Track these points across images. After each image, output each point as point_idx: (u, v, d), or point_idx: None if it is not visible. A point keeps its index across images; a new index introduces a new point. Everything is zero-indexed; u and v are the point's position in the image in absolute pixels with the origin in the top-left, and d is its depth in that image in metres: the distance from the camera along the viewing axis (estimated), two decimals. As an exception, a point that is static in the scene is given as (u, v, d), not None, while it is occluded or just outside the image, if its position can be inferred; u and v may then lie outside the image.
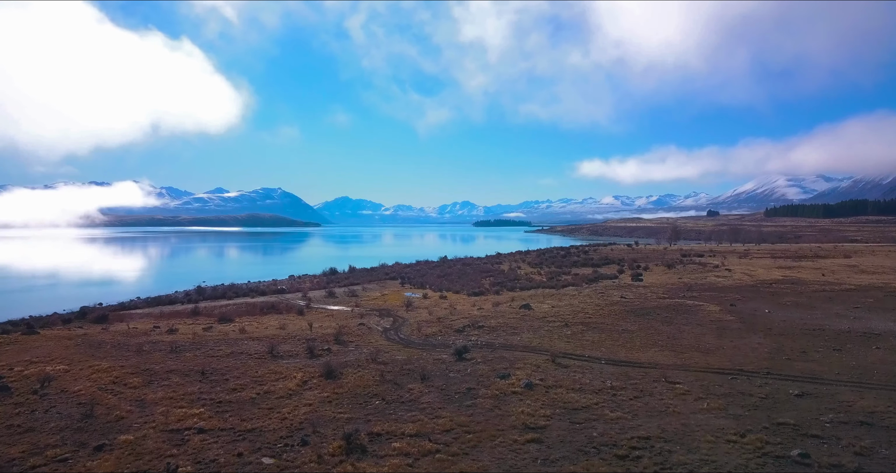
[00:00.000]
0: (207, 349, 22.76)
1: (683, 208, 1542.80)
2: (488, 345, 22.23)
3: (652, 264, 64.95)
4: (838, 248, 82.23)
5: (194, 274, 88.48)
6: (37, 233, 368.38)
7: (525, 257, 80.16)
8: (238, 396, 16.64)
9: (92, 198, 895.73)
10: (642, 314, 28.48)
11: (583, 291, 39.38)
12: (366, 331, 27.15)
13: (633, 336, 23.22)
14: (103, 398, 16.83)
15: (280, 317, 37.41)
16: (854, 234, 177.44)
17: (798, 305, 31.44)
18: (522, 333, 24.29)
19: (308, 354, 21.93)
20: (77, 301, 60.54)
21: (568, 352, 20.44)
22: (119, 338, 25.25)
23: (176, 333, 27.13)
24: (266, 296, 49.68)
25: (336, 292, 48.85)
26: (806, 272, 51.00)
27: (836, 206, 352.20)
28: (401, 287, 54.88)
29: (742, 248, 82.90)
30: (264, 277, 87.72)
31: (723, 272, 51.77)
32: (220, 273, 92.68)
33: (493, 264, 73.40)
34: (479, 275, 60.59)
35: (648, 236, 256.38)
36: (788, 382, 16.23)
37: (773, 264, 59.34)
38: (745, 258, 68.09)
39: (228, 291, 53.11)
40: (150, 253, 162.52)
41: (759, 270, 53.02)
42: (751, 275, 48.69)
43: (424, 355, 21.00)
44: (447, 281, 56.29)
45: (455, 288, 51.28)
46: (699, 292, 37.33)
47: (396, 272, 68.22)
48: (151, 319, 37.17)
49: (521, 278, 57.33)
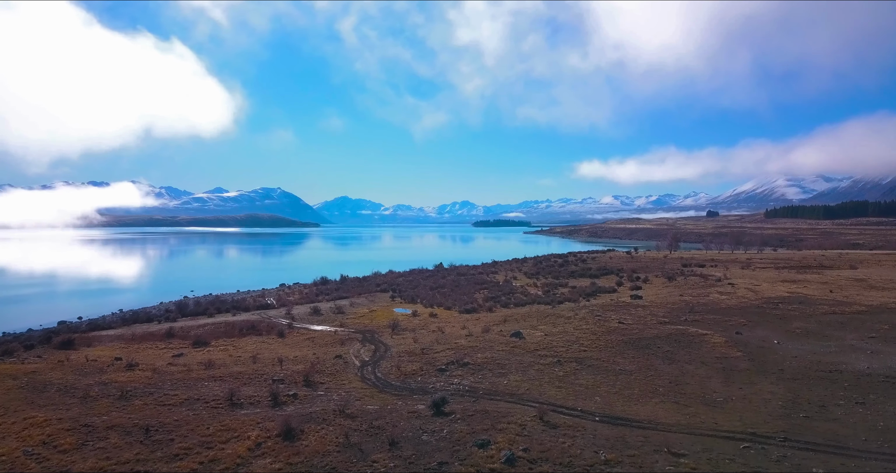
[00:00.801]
0: (161, 394, 20.59)
1: (683, 208, 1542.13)
2: (471, 392, 20.07)
3: (652, 275, 62.84)
4: (843, 257, 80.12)
5: (183, 282, 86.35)
6: (32, 235, 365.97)
7: (521, 266, 78.03)
8: (177, 467, 14.49)
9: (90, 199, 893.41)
10: (641, 346, 26.32)
11: (579, 312, 37.22)
12: (341, 367, 24.98)
13: (631, 379, 21.07)
14: (25, 468, 14.71)
15: (258, 341, 35.32)
16: (856, 238, 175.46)
17: (808, 333, 29.29)
18: (510, 374, 22.12)
19: (271, 401, 19.79)
20: (57, 313, 58.41)
21: (559, 404, 18.29)
22: (69, 378, 23.07)
23: (135, 369, 24.94)
24: (249, 313, 47.52)
25: (322, 308, 46.71)
26: (812, 287, 48.87)
27: (837, 208, 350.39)
28: (391, 301, 52.75)
29: (744, 257, 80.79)
30: (255, 285, 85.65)
31: (725, 286, 49.64)
32: (210, 280, 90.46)
33: (489, 274, 71.27)
34: (472, 288, 58.47)
35: (648, 238, 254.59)
36: (810, 454, 14.08)
37: (776, 276, 57.21)
38: (747, 268, 65.98)
39: (210, 306, 50.95)
40: (142, 257, 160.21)
41: (764, 285, 50.89)
42: (755, 291, 46.56)
43: (399, 405, 18.85)
44: (439, 295, 54.17)
45: (447, 302, 49.18)
46: (702, 315, 35.17)
47: (388, 283, 66.08)
48: (121, 343, 35.03)
49: (516, 291, 55.22)
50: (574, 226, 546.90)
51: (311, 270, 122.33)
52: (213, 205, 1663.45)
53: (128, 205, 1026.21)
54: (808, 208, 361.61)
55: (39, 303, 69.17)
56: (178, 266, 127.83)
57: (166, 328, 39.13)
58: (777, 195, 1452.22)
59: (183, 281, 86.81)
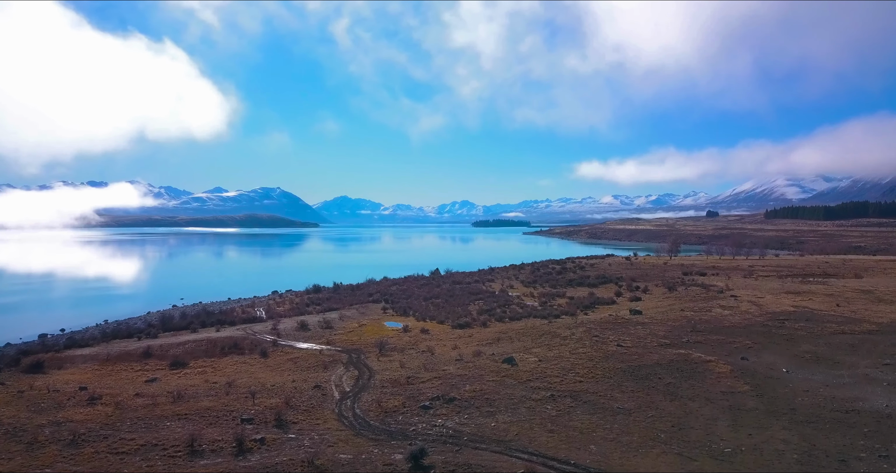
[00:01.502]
0: (116, 439, 18.84)
1: (682, 208, 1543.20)
2: (454, 437, 18.33)
3: (652, 284, 61.18)
4: (847, 264, 78.43)
5: (173, 289, 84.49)
6: (29, 236, 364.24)
7: (518, 273, 76.33)
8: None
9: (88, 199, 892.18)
10: (641, 376, 24.59)
11: (576, 331, 35.49)
12: (318, 401, 23.24)
13: (630, 420, 19.33)
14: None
15: (239, 361, 33.66)
16: (858, 240, 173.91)
17: (818, 359, 27.58)
18: (498, 413, 20.39)
19: (235, 448, 18.03)
20: (41, 324, 56.64)
21: (549, 456, 16.54)
22: (22, 416, 21.31)
23: (97, 403, 23.17)
24: (234, 328, 45.75)
25: (309, 323, 44.98)
26: (818, 300, 47.18)
27: (837, 208, 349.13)
28: (382, 313, 51.04)
29: (746, 264, 79.11)
30: (247, 292, 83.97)
31: (728, 299, 47.95)
32: (201, 287, 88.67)
33: (485, 282, 69.57)
34: (467, 298, 56.76)
35: (648, 240, 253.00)
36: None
37: (780, 287, 55.51)
38: (749, 277, 64.29)
39: (195, 320, 49.17)
40: (135, 260, 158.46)
41: (767, 296, 49.20)
42: (759, 305, 44.88)
43: (375, 454, 17.11)
44: (433, 307, 52.53)
45: (440, 315, 47.52)
46: (704, 335, 33.45)
47: (381, 292, 64.41)
48: (95, 364, 33.33)
49: (512, 302, 53.55)
50: (574, 226, 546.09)
51: (305, 276, 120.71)
52: (212, 204, 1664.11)
53: (126, 206, 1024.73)
54: (809, 209, 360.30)
55: (24, 312, 67.44)
56: (170, 270, 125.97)
57: (144, 346, 37.40)
58: (777, 194, 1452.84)
59: (173, 289, 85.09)
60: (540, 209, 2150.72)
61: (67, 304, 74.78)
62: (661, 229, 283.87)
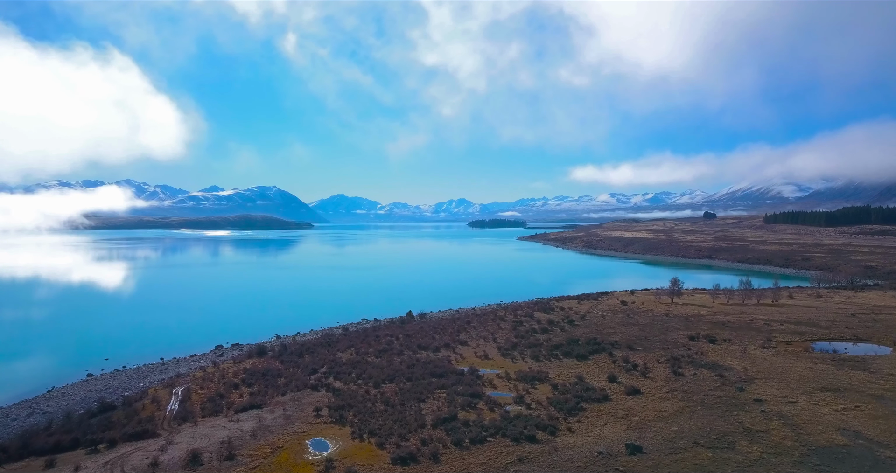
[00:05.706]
0: None
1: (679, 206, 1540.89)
2: None
3: (652, 358, 50.96)
4: (878, 317, 68.30)
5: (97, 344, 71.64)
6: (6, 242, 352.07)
7: (498, 330, 65.80)
8: None
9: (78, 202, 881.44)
10: None
11: None
12: None
13: None
14: None
15: None
16: (868, 259, 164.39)
17: None
18: None
19: None
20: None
21: None
22: None
23: None
24: (103, 459, 34.92)
25: (209, 449, 34.26)
26: (867, 409, 36.89)
27: (838, 213, 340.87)
28: (314, 418, 40.27)
29: (760, 317, 68.87)
30: (189, 344, 73.38)
31: (753, 411, 37.48)
32: (138, 335, 77.66)
33: (456, 347, 58.97)
34: (426, 386, 46.12)
35: (646, 251, 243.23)
36: None
37: (812, 375, 45.06)
38: (769, 347, 53.92)
39: (76, 429, 38.35)
40: (96, 282, 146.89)
41: (801, 401, 38.85)
42: (794, 425, 34.54)
43: None
44: (380, 402, 42.08)
45: (384, 427, 36.99)
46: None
47: (329, 363, 54.05)
48: None
49: (481, 394, 43.02)
50: (569, 228, 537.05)
51: (270, 308, 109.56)
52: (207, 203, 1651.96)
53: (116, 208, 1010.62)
54: (809, 214, 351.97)
55: None
56: (112, 306, 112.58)
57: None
58: (773, 193, 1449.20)
59: (97, 344, 73.17)
60: (536, 207, 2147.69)
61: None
62: (659, 238, 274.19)
